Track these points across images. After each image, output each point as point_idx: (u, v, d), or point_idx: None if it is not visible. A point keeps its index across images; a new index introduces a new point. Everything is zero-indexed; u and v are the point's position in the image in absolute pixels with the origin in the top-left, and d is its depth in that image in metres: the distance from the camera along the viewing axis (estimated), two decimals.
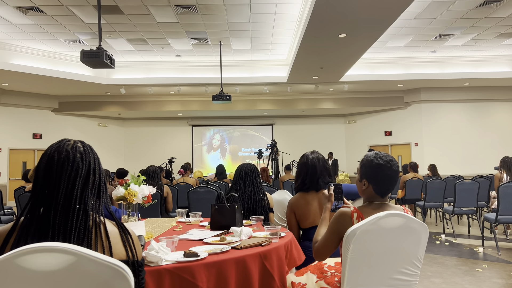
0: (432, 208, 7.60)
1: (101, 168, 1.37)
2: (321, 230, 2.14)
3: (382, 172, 1.86)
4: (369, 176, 1.90)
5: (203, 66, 11.14)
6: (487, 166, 11.89)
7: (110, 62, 5.97)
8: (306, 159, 2.93)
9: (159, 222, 3.16)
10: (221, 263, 1.80)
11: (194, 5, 7.28)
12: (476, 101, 12.82)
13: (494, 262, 4.87)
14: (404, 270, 1.77)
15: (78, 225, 1.22)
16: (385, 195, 1.91)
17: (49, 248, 1.08)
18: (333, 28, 7.13)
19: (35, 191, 1.26)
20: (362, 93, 13.22)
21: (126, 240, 1.30)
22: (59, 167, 1.26)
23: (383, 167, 1.86)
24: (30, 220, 1.22)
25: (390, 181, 1.88)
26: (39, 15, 7.68)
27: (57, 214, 1.21)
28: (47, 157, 1.28)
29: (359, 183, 1.96)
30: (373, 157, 1.90)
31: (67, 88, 11.54)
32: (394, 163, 1.89)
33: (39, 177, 1.26)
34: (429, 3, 7.28)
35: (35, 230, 1.20)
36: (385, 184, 1.88)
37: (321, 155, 3.00)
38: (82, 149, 1.33)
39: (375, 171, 1.88)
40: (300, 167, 2.96)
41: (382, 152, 1.95)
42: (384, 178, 1.87)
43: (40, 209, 1.23)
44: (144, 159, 14.49)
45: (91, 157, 1.33)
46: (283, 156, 13.89)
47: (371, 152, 1.96)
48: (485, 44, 10.04)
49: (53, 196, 1.23)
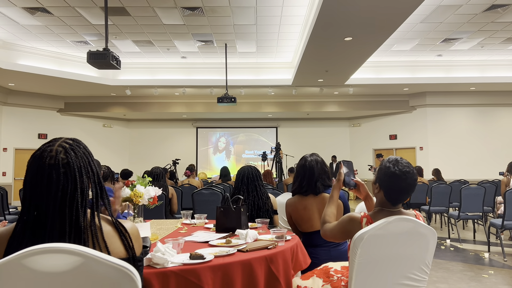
0: (437, 212, 7.56)
1: (92, 171, 1.27)
2: (328, 210, 2.14)
3: (395, 183, 1.80)
4: (382, 183, 1.85)
5: (208, 68, 11.16)
6: (493, 171, 11.81)
7: (116, 63, 5.99)
8: (304, 161, 2.90)
9: (164, 223, 3.16)
10: (227, 266, 1.79)
11: (200, 7, 7.30)
12: (482, 105, 12.76)
13: (500, 268, 4.83)
14: (411, 275, 1.75)
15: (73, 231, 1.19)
16: (396, 204, 1.85)
17: (57, 249, 1.07)
18: (339, 31, 7.12)
19: (24, 203, 1.21)
20: (367, 96, 13.18)
21: (123, 238, 1.27)
22: (43, 189, 1.18)
23: (398, 178, 1.79)
24: (24, 226, 1.19)
25: (401, 192, 1.81)
26: (46, 16, 7.73)
27: (48, 225, 1.18)
28: (31, 175, 1.21)
29: (373, 185, 1.93)
30: (391, 164, 1.83)
31: (73, 88, 11.59)
32: (410, 176, 1.79)
33: (26, 191, 1.21)
34: (435, 7, 7.26)
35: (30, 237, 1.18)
36: (396, 195, 1.82)
37: (320, 158, 2.96)
38: (66, 160, 1.21)
39: (388, 180, 1.81)
40: (298, 169, 2.92)
41: (404, 160, 1.85)
42: (396, 189, 1.81)
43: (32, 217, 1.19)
44: (148, 160, 14.52)
45: (75, 167, 1.22)
46: (287, 159, 13.86)
47: (394, 157, 1.88)
48: (491, 48, 9.99)
49: (43, 209, 1.19)
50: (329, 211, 2.14)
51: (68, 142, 1.27)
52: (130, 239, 1.28)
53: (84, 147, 1.29)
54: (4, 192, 6.54)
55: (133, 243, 1.29)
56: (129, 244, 1.27)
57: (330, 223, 2.07)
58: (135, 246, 1.31)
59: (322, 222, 2.12)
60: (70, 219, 1.20)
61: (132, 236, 1.30)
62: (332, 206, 2.15)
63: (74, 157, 1.24)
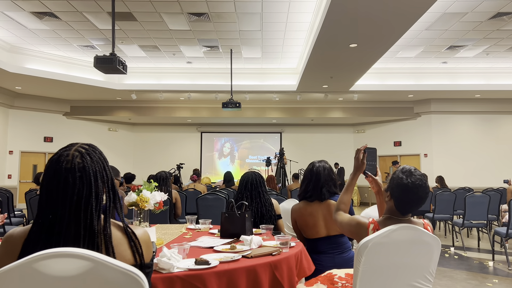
0: (442, 220, 7.53)
1: (107, 176, 1.30)
2: (345, 197, 2.17)
3: (407, 195, 1.79)
4: (393, 192, 1.84)
5: (213, 73, 11.22)
6: (497, 179, 11.75)
7: (122, 68, 6.04)
8: (312, 166, 2.92)
9: (169, 228, 3.18)
10: (232, 272, 1.81)
11: (206, 13, 7.36)
12: (487, 113, 12.72)
13: (504, 277, 4.80)
14: (415, 283, 1.76)
15: (87, 235, 1.22)
16: (405, 214, 1.85)
17: (67, 253, 1.09)
18: (344, 38, 7.15)
19: (40, 206, 1.24)
20: (372, 103, 13.18)
21: (133, 244, 1.28)
22: (59, 192, 1.22)
23: (409, 191, 1.78)
24: (40, 229, 1.22)
25: (411, 205, 1.81)
26: (54, 21, 7.81)
27: (63, 229, 1.20)
28: (47, 179, 1.24)
29: (384, 192, 1.93)
30: (404, 175, 1.81)
31: (79, 92, 11.68)
32: (422, 189, 1.78)
33: (43, 196, 1.24)
34: (440, 14, 7.28)
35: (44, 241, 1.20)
36: (406, 206, 1.82)
37: (329, 165, 2.97)
38: (81, 165, 1.24)
39: (400, 191, 1.81)
40: (306, 173, 2.95)
41: (418, 172, 1.82)
42: (406, 201, 1.81)
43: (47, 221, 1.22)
44: (153, 164, 14.56)
45: (91, 171, 1.25)
46: (291, 164, 13.86)
47: (409, 167, 1.85)
48: (497, 56, 9.98)
49: (58, 214, 1.21)
50: (346, 199, 2.16)
51: (84, 147, 1.30)
52: (139, 245, 1.29)
53: (99, 153, 1.32)
54: (10, 194, 6.59)
55: (143, 249, 1.30)
56: (138, 251, 1.28)
57: (342, 214, 2.11)
58: (146, 253, 1.32)
59: (336, 208, 2.16)
60: (85, 222, 1.22)
61: (143, 242, 1.32)
62: (348, 194, 2.17)
63: (90, 162, 1.27)
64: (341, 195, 2.19)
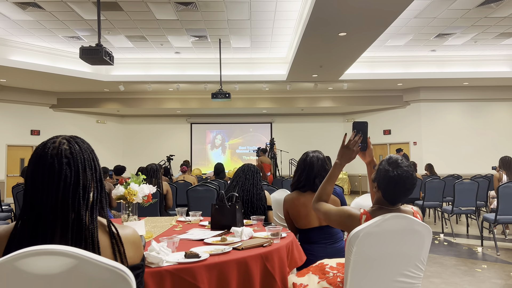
0: (431, 207, 7.60)
1: (95, 167, 1.24)
2: (328, 187, 2.09)
3: (393, 187, 1.78)
4: (380, 185, 1.83)
5: (202, 63, 11.10)
6: (486, 166, 11.90)
7: (109, 59, 5.94)
8: (306, 156, 2.92)
9: (158, 221, 3.15)
10: (223, 264, 1.79)
11: (194, 2, 7.24)
12: (475, 100, 12.82)
13: (493, 262, 4.87)
14: (407, 272, 1.75)
15: (75, 228, 1.17)
16: (395, 204, 1.85)
17: (50, 251, 1.06)
18: (333, 27, 7.11)
19: (25, 200, 1.17)
20: (362, 91, 13.20)
21: (116, 250, 1.20)
22: (45, 180, 1.15)
23: (396, 183, 1.77)
24: (23, 227, 1.17)
25: (399, 196, 1.80)
26: (38, 11, 7.63)
27: (49, 224, 1.14)
28: (32, 167, 1.17)
29: (372, 183, 1.92)
30: (390, 167, 1.79)
31: (65, 84, 11.49)
32: (410, 181, 1.76)
33: (28, 187, 1.17)
34: (429, 2, 7.26)
35: (30, 237, 1.15)
36: (394, 197, 1.82)
37: (322, 155, 2.97)
38: (69, 151, 1.18)
39: (386, 183, 1.79)
40: (299, 163, 2.95)
41: (405, 162, 1.80)
42: (393, 193, 1.80)
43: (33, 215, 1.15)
44: (142, 156, 14.46)
45: (79, 159, 1.19)
46: (282, 154, 13.87)
47: (395, 157, 1.82)
48: (484, 43, 10.02)
49: (44, 206, 1.15)
50: (329, 189, 2.10)
51: (72, 136, 1.24)
52: (124, 252, 1.21)
53: (88, 144, 1.27)
54: None
55: (131, 251, 1.24)
56: (121, 258, 1.20)
57: (326, 204, 2.05)
58: (134, 254, 1.25)
59: (317, 198, 2.09)
60: (72, 213, 1.16)
61: (132, 244, 1.25)
62: (331, 184, 2.11)
63: (78, 149, 1.21)
64: (322, 184, 2.13)
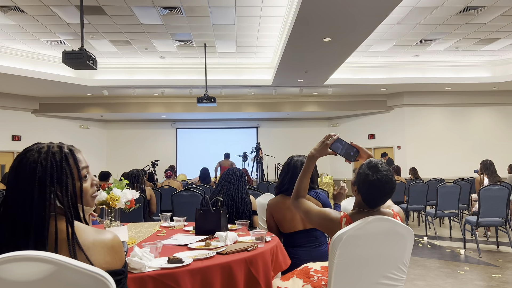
0: (415, 211, 7.70)
1: (54, 165, 1.25)
2: (305, 182, 2.09)
3: (372, 191, 1.80)
4: (360, 189, 1.85)
5: (187, 68, 11.06)
6: (468, 169, 12.11)
7: (92, 63, 5.87)
8: (290, 160, 2.96)
9: (142, 226, 3.11)
10: (206, 269, 1.77)
11: (178, 7, 7.23)
12: (457, 105, 13.06)
13: (475, 264, 4.95)
14: (390, 274, 1.77)
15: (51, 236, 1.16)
16: (374, 208, 1.86)
17: (28, 257, 1.04)
18: (318, 32, 7.17)
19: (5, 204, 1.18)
20: (346, 96, 13.32)
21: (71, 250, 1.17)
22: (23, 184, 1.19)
23: (375, 188, 1.78)
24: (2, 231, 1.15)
25: (378, 200, 1.82)
26: (20, 15, 7.51)
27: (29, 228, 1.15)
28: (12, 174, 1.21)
29: (352, 186, 1.93)
30: (370, 172, 1.79)
31: (48, 89, 11.31)
32: (389, 185, 1.78)
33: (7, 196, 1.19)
34: (411, 8, 7.39)
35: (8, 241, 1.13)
36: (373, 201, 1.83)
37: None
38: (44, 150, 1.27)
39: (366, 187, 1.81)
40: (283, 167, 2.99)
41: (384, 167, 1.80)
42: (373, 197, 1.82)
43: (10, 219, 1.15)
44: (126, 161, 14.27)
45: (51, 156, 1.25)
46: (268, 159, 13.88)
47: (375, 161, 1.82)
48: (465, 49, 10.23)
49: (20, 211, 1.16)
50: (305, 183, 2.10)
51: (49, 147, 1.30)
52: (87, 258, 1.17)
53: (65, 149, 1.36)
54: None
55: (110, 256, 1.21)
56: None
57: (305, 202, 2.05)
58: (115, 259, 1.22)
59: (295, 194, 2.09)
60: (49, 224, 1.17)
61: (111, 249, 1.21)
62: (307, 178, 2.10)
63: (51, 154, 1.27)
64: (298, 179, 2.12)
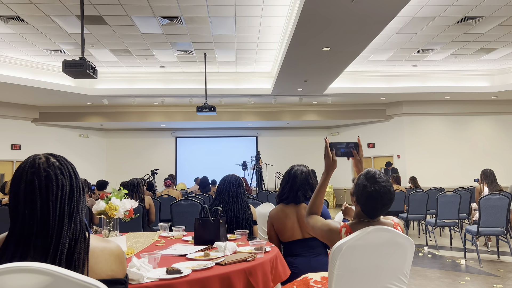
0: (415, 220, 7.66)
1: (79, 179, 1.26)
2: (317, 200, 2.10)
3: (371, 202, 1.79)
4: (358, 200, 1.84)
5: (187, 77, 11.10)
6: (468, 178, 12.08)
7: (92, 73, 5.89)
8: (291, 169, 2.99)
9: (141, 236, 3.09)
10: (205, 280, 1.76)
11: (179, 17, 7.27)
12: (456, 114, 13.08)
13: (476, 274, 4.91)
14: (390, 285, 1.75)
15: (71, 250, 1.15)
16: (374, 218, 1.86)
17: (24, 268, 1.02)
18: (317, 42, 7.21)
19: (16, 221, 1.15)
20: (346, 105, 13.35)
21: None
22: (42, 190, 1.15)
23: (374, 199, 1.78)
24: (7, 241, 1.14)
25: (377, 210, 1.82)
26: (20, 24, 7.56)
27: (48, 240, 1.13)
28: (25, 183, 1.16)
29: (351, 196, 1.93)
30: (368, 183, 1.79)
31: (48, 98, 11.34)
32: (387, 196, 1.77)
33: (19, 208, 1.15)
34: (410, 18, 7.44)
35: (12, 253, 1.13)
36: (372, 211, 1.83)
37: (307, 169, 3.00)
38: (58, 163, 1.22)
39: (364, 198, 1.81)
40: (284, 176, 3.02)
41: (383, 177, 1.80)
42: (371, 207, 1.81)
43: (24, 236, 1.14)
44: (126, 170, 14.26)
45: (70, 169, 1.23)
46: (267, 168, 13.87)
47: (373, 172, 1.82)
48: (464, 59, 10.28)
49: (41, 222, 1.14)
50: (318, 201, 2.10)
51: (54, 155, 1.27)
52: None
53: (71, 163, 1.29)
54: None
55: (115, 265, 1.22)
56: None
57: (316, 217, 2.06)
58: (119, 268, 1.24)
59: (309, 211, 2.10)
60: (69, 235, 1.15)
61: (115, 257, 1.24)
62: (321, 196, 2.11)
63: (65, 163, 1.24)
64: (313, 197, 2.14)
